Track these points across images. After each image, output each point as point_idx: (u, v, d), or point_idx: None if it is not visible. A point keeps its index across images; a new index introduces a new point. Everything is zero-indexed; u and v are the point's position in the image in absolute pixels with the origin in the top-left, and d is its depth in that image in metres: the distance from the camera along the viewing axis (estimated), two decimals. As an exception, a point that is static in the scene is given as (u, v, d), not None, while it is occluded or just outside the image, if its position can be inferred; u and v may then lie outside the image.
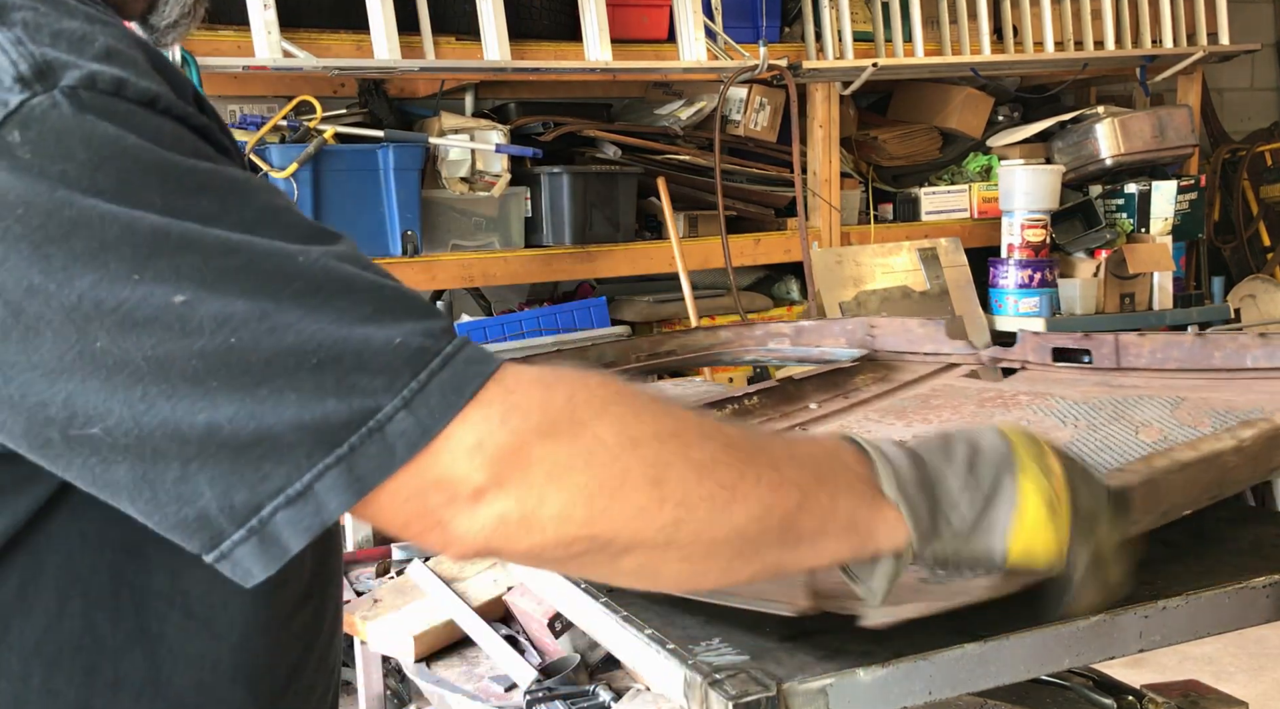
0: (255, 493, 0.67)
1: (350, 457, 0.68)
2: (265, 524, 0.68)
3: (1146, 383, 1.77)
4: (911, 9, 4.39)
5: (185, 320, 0.66)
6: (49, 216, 0.65)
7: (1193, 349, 1.77)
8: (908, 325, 2.12)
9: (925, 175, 4.81)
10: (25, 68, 0.68)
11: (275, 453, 0.67)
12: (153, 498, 0.68)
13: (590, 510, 0.72)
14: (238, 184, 0.71)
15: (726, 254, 4.06)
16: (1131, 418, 1.59)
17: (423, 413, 0.69)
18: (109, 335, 0.66)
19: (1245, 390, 1.64)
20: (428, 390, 0.69)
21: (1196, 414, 1.55)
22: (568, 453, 0.72)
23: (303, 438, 0.67)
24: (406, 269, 3.61)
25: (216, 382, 0.66)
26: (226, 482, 0.67)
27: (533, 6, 3.85)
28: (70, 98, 0.67)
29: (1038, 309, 4.42)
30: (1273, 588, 1.10)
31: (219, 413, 0.66)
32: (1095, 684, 1.63)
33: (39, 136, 0.66)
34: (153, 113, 0.70)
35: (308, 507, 0.68)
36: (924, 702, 0.98)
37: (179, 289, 0.66)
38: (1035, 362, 1.96)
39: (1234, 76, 6.19)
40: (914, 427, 1.68)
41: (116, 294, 0.66)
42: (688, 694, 0.99)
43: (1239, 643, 3.46)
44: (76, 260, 0.65)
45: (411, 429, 0.68)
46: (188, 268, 0.67)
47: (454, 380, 0.70)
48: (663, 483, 0.73)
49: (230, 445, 0.67)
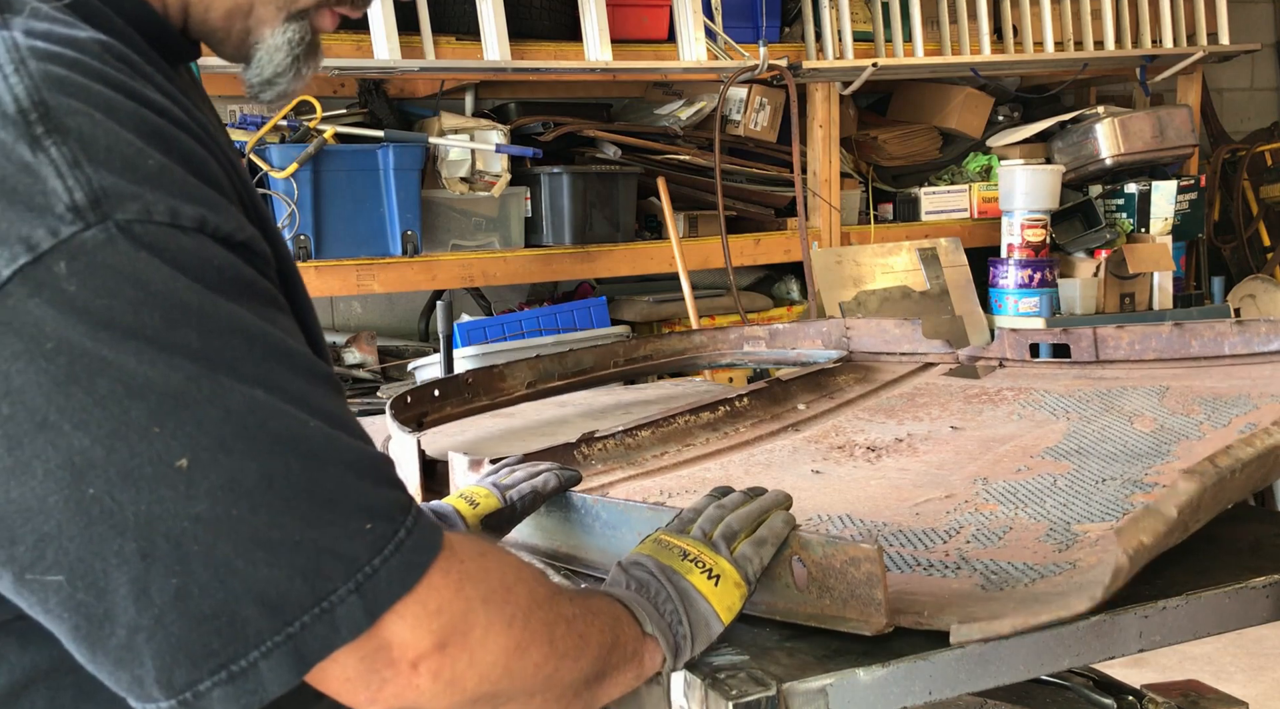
0: (196, 669, 0.68)
1: (299, 634, 0.70)
2: (199, 698, 0.69)
3: (1126, 374, 1.78)
4: (911, 9, 4.39)
5: (192, 481, 0.66)
6: (80, 356, 0.65)
7: (1170, 339, 1.78)
8: (884, 326, 2.13)
9: (925, 175, 4.81)
10: (80, 196, 0.66)
11: (230, 627, 0.68)
12: (91, 652, 0.69)
13: (505, 669, 0.81)
14: (264, 326, 0.72)
15: (726, 254, 4.06)
16: (1121, 408, 1.59)
17: (370, 598, 0.72)
18: (107, 484, 0.65)
19: (1225, 377, 1.65)
20: (378, 576, 0.72)
21: (1185, 402, 1.56)
22: (498, 618, 0.80)
23: (261, 613, 0.69)
24: (406, 269, 3.61)
25: (200, 548, 0.67)
26: (171, 655, 0.68)
27: (533, 6, 3.85)
28: (125, 232, 0.67)
29: (1038, 309, 4.42)
30: (1273, 588, 1.10)
31: (192, 580, 0.67)
32: (1095, 684, 1.63)
33: (87, 270, 0.65)
34: (201, 239, 0.71)
35: (248, 684, 0.69)
36: (924, 702, 0.98)
37: (195, 447, 0.67)
38: (1013, 358, 1.96)
39: (1234, 76, 6.19)
40: (905, 424, 1.68)
41: (130, 443, 0.65)
42: (688, 694, 0.99)
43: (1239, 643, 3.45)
44: (98, 404, 0.65)
45: (357, 613, 0.72)
46: (210, 423, 0.67)
47: (401, 569, 0.74)
48: (553, 641, 0.85)
49: (191, 616, 0.67)
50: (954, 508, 1.31)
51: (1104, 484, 1.32)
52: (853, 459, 1.55)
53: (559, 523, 1.25)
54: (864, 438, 1.65)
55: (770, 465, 1.56)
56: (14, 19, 0.72)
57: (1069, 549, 1.15)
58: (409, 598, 0.74)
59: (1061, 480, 1.35)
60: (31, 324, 0.65)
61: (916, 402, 1.82)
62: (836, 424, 1.75)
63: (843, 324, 2.19)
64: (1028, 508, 1.28)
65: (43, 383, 0.65)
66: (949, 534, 1.22)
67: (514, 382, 2.08)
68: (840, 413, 1.81)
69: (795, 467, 1.55)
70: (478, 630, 0.78)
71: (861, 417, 1.78)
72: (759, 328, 2.32)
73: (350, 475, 0.73)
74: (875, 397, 1.89)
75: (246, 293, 0.72)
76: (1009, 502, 1.31)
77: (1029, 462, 1.44)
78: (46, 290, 0.65)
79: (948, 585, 1.08)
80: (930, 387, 1.90)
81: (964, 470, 1.44)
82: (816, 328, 2.24)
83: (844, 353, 2.14)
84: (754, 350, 2.32)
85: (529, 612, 0.84)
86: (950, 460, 1.49)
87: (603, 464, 1.57)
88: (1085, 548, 1.14)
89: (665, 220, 3.99)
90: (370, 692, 0.75)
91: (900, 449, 1.57)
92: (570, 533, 1.24)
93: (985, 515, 1.27)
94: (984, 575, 1.10)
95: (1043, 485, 1.35)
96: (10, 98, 0.67)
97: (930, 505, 1.32)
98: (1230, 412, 1.49)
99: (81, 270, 0.65)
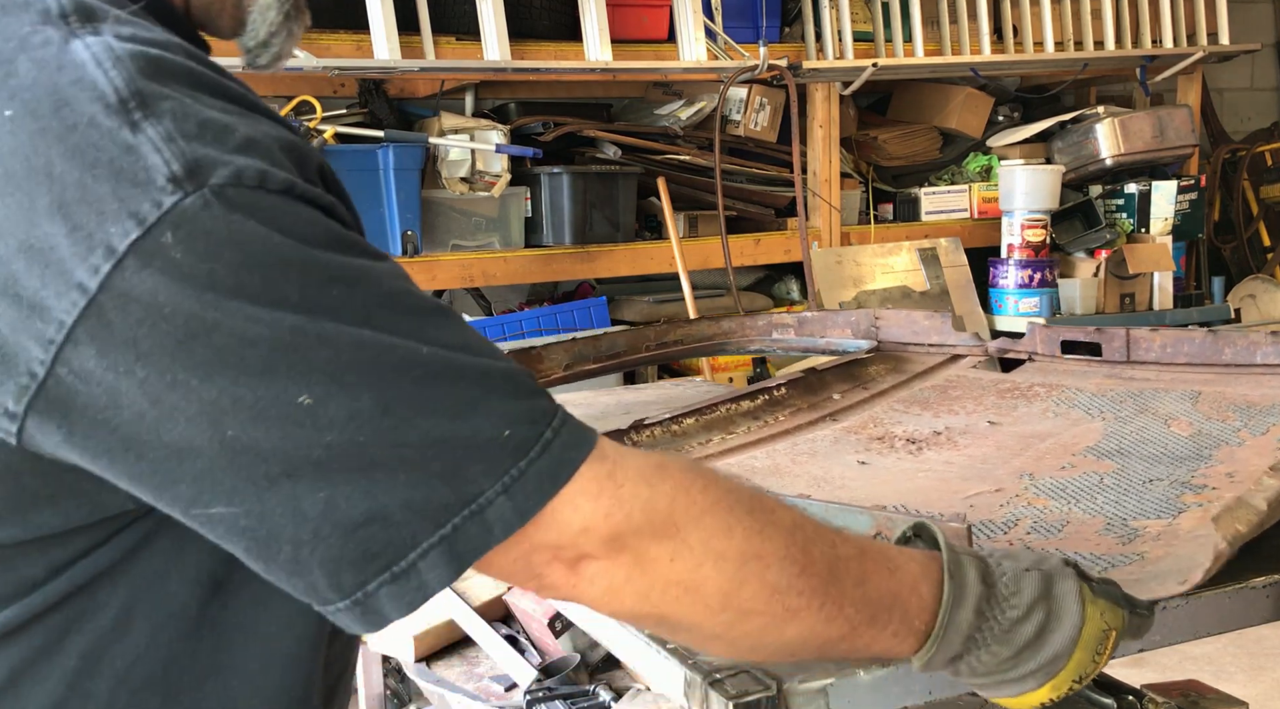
0: (361, 572, 0.74)
1: (452, 536, 0.74)
2: (369, 597, 0.74)
3: (1156, 376, 1.79)
4: (911, 9, 4.39)
5: (316, 416, 0.71)
6: (193, 317, 0.70)
7: (1203, 345, 1.80)
8: (913, 318, 2.14)
9: (925, 175, 4.81)
10: (178, 167, 0.71)
11: (385, 532, 0.73)
12: (266, 567, 0.75)
13: (664, 597, 0.80)
14: (365, 271, 0.76)
15: (726, 254, 4.06)
16: (1156, 411, 1.60)
17: (520, 498, 0.76)
18: (241, 425, 0.71)
19: (1256, 385, 1.66)
20: (526, 477, 0.76)
21: (1219, 408, 1.57)
22: (658, 550, 0.79)
23: (410, 517, 0.73)
24: (406, 269, 3.61)
25: (339, 467, 0.72)
26: (336, 563, 0.73)
27: (533, 6, 3.85)
28: (219, 196, 0.71)
29: (1038, 309, 4.42)
30: (1273, 588, 1.10)
31: (338, 492, 0.72)
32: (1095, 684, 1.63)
33: (190, 237, 0.70)
34: (291, 200, 0.75)
35: (410, 583, 0.74)
36: (924, 701, 0.98)
37: (311, 385, 0.71)
38: (1044, 353, 1.96)
39: (1234, 76, 6.19)
40: (942, 417, 1.70)
41: (253, 389, 0.71)
42: (688, 694, 0.99)
43: (1239, 643, 3.45)
44: (218, 356, 0.70)
45: (509, 513, 0.75)
46: (321, 363, 0.72)
47: (550, 469, 0.77)
48: (731, 597, 0.81)
49: (344, 525, 0.73)
50: (1006, 502, 1.32)
51: (1151, 484, 1.33)
52: (894, 451, 1.57)
53: None
54: (902, 430, 1.66)
55: (815, 455, 1.58)
56: (103, 25, 0.78)
57: (1132, 542, 1.16)
58: (560, 499, 0.76)
59: (1108, 478, 1.37)
60: (148, 293, 0.70)
61: (950, 394, 1.83)
62: (873, 415, 1.77)
63: (871, 314, 2.20)
64: (1080, 504, 1.29)
65: (166, 344, 0.70)
66: (1007, 526, 1.24)
67: (551, 363, 2.09)
68: (875, 403, 1.83)
69: (840, 456, 1.56)
70: (633, 555, 0.79)
71: (897, 408, 1.79)
72: (787, 315, 2.33)
73: (475, 390, 0.76)
74: (908, 388, 1.90)
75: (340, 243, 0.76)
76: (1059, 497, 1.32)
77: (1072, 459, 1.45)
78: (158, 260, 0.70)
79: None
80: (962, 379, 1.92)
81: (1008, 465, 1.45)
82: (845, 317, 2.25)
83: (874, 343, 2.15)
84: (783, 338, 2.32)
85: (702, 558, 0.80)
86: (993, 455, 1.51)
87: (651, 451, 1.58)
88: (1149, 542, 1.16)
89: (665, 220, 3.99)
90: (534, 586, 0.80)
91: (940, 442, 1.59)
92: None
93: (1039, 509, 1.28)
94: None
95: (1090, 483, 1.36)
96: (111, 89, 0.73)
97: (981, 498, 1.34)
98: (1267, 420, 1.51)
99: (185, 237, 0.70)
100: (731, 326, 2.35)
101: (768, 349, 2.38)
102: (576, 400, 2.21)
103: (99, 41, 0.75)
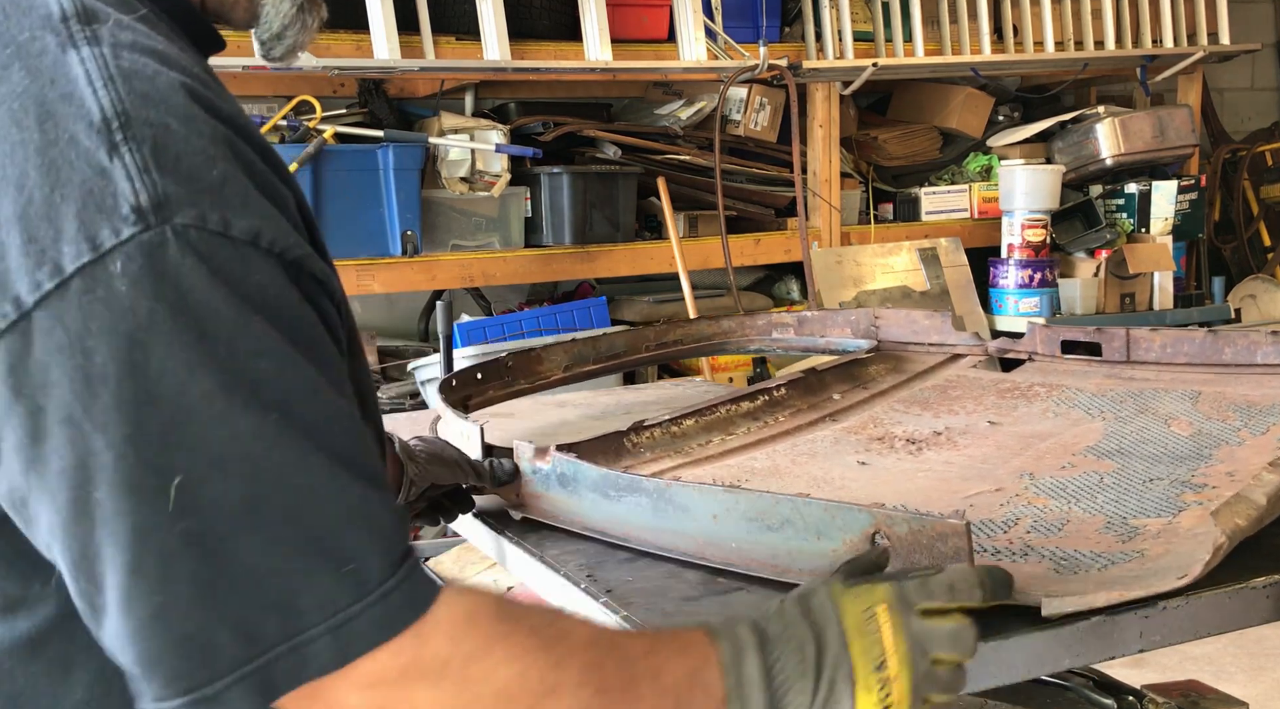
0: (170, 686, 0.71)
1: (266, 667, 0.71)
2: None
3: (1156, 376, 1.79)
4: (911, 9, 4.39)
5: (184, 496, 0.69)
6: (114, 355, 0.68)
7: (1203, 345, 1.80)
8: (913, 317, 2.13)
9: (925, 175, 4.81)
10: (145, 199, 0.69)
11: (202, 654, 0.70)
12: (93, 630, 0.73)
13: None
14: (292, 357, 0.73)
15: (726, 254, 4.06)
16: (1156, 411, 1.60)
17: (343, 642, 0.72)
18: (110, 488, 0.68)
19: (1257, 385, 1.66)
20: (356, 623, 0.72)
21: (1219, 408, 1.57)
22: (449, 704, 0.76)
23: (234, 641, 0.70)
24: (406, 269, 3.61)
25: (183, 567, 0.69)
26: (150, 667, 0.71)
27: (533, 6, 3.85)
28: (179, 237, 0.70)
29: (1038, 309, 4.42)
30: (1273, 588, 1.10)
31: (171, 599, 0.69)
32: (1095, 684, 1.63)
33: (139, 272, 0.68)
34: (252, 251, 0.73)
35: (218, 708, 0.71)
36: (924, 702, 0.98)
37: (195, 463, 0.69)
38: (1044, 353, 1.96)
39: (1234, 76, 6.19)
40: (942, 418, 1.70)
41: (139, 452, 0.68)
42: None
43: (1239, 643, 3.45)
44: (118, 408, 0.68)
45: (326, 654, 0.72)
46: (214, 442, 0.69)
47: (381, 619, 0.73)
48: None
49: (166, 635, 0.70)
50: (1006, 501, 1.32)
51: (1152, 483, 1.34)
52: (894, 452, 1.57)
53: (630, 509, 1.25)
54: (902, 430, 1.66)
55: (815, 456, 1.58)
56: (101, 29, 0.76)
57: (1132, 540, 1.16)
58: (381, 651, 0.73)
59: (1108, 478, 1.37)
60: (79, 321, 0.68)
61: (950, 394, 1.83)
62: (873, 415, 1.77)
63: (871, 314, 2.20)
64: (1080, 503, 1.29)
65: (74, 379, 0.68)
66: (1008, 525, 1.24)
67: (551, 364, 2.09)
68: (875, 403, 1.83)
69: (840, 457, 1.56)
70: (431, 696, 0.75)
71: (897, 408, 1.79)
72: (787, 315, 2.33)
73: (344, 517, 0.73)
74: (908, 388, 1.90)
75: (285, 316, 0.74)
76: (1060, 497, 1.32)
77: (1072, 459, 1.46)
78: (100, 288, 0.68)
79: (1020, 569, 1.09)
80: (962, 379, 1.92)
81: (1008, 465, 1.46)
82: (845, 316, 2.24)
83: (873, 343, 2.15)
84: (783, 337, 2.32)
85: (512, 673, 0.77)
86: (993, 455, 1.51)
87: (651, 453, 1.58)
88: (1149, 539, 1.16)
89: (665, 220, 3.99)
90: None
91: (940, 442, 1.59)
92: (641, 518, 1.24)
93: (1039, 508, 1.29)
94: (1054, 561, 1.12)
95: (1090, 482, 1.36)
96: (98, 109, 0.71)
97: (982, 498, 1.34)
98: (1267, 419, 1.51)
99: (134, 271, 0.68)
100: (731, 326, 2.35)
101: (767, 349, 2.38)
102: (577, 400, 2.21)
103: (95, 54, 0.74)
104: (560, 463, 1.33)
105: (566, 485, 1.32)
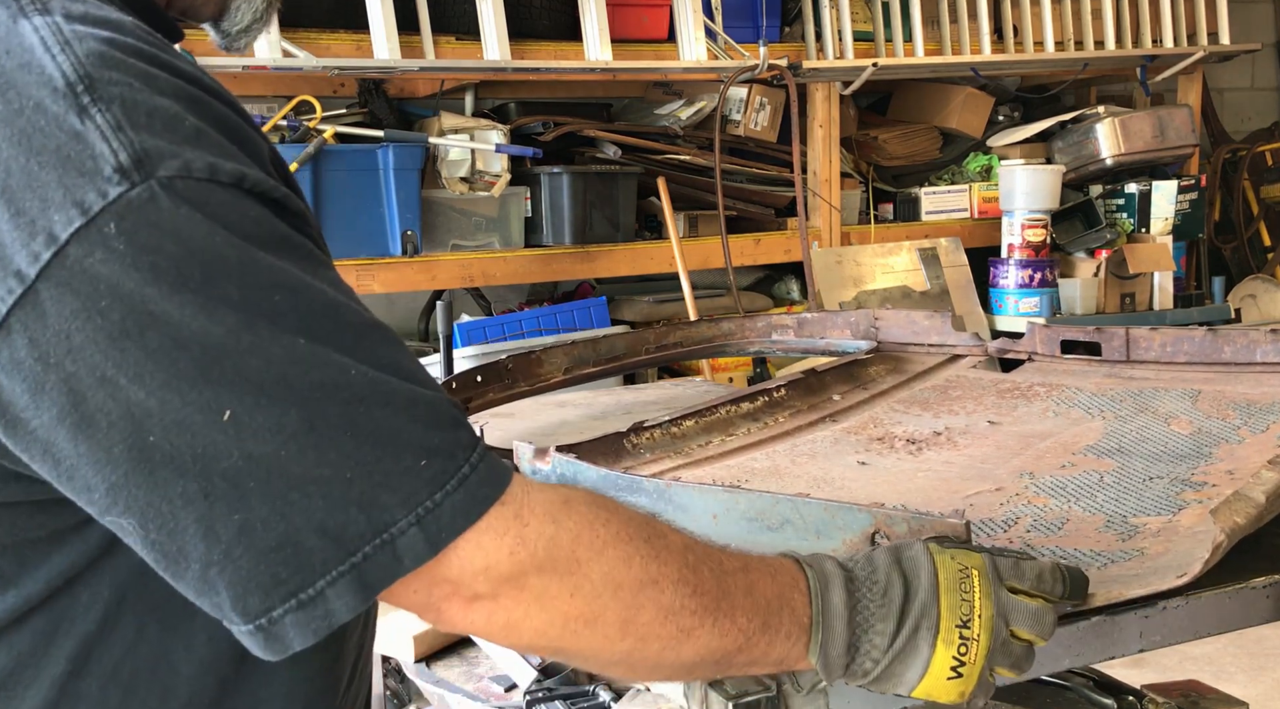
0: (268, 598, 0.72)
1: (362, 564, 0.73)
2: (274, 624, 0.73)
3: (1156, 375, 1.79)
4: (911, 9, 4.39)
5: (240, 426, 0.70)
6: (130, 313, 0.69)
7: (1203, 344, 1.80)
8: (913, 318, 2.14)
9: (925, 175, 4.81)
10: (125, 157, 0.70)
11: (295, 557, 0.72)
12: (173, 580, 0.74)
13: (564, 631, 0.81)
14: (307, 279, 0.75)
15: (726, 254, 4.06)
16: (1156, 410, 1.61)
17: (432, 530, 0.75)
18: (164, 431, 0.70)
19: (1256, 384, 1.66)
20: (440, 510, 0.75)
21: (1219, 407, 1.58)
22: (558, 587, 0.80)
23: (323, 544, 0.72)
24: (406, 269, 3.61)
25: (256, 484, 0.71)
26: (243, 586, 0.72)
27: (533, 6, 3.85)
28: (167, 188, 0.70)
29: (1038, 309, 4.42)
30: (1273, 588, 1.10)
31: (253, 515, 0.71)
32: (1095, 684, 1.63)
33: (134, 228, 0.69)
34: (241, 195, 0.74)
35: (316, 611, 0.73)
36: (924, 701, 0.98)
37: (240, 395, 0.70)
38: (1044, 353, 1.97)
39: (1234, 76, 6.19)
40: (942, 418, 1.70)
41: (182, 394, 0.69)
42: (687, 694, 0.99)
43: (1239, 643, 3.45)
44: (150, 357, 0.69)
45: (420, 545, 0.75)
46: (251, 372, 0.71)
47: (464, 503, 0.76)
48: (629, 624, 0.83)
49: (256, 549, 0.71)
50: (1006, 500, 1.32)
51: (1151, 482, 1.34)
52: (894, 452, 1.57)
53: None
54: (902, 430, 1.66)
55: (815, 456, 1.58)
56: (53, 2, 0.76)
57: (1131, 539, 1.16)
58: (470, 534, 0.76)
59: (1108, 477, 1.37)
60: (87, 284, 0.69)
61: (950, 394, 1.83)
62: (873, 416, 1.77)
63: (871, 315, 2.20)
64: (1080, 502, 1.29)
65: (99, 340, 0.69)
66: (1007, 524, 1.24)
67: (550, 367, 2.09)
68: (875, 404, 1.83)
69: (840, 457, 1.56)
70: (533, 593, 0.79)
71: (897, 408, 1.79)
72: (787, 316, 2.33)
73: (401, 417, 0.75)
74: (908, 388, 1.90)
75: (285, 246, 0.75)
76: (1059, 496, 1.32)
77: (1072, 458, 1.46)
78: (99, 250, 0.68)
79: None
80: (962, 379, 1.92)
81: (1008, 465, 1.46)
82: (845, 318, 2.25)
83: (873, 343, 2.15)
84: (782, 339, 2.32)
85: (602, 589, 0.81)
86: (993, 455, 1.51)
87: (651, 453, 1.58)
88: (1149, 538, 1.16)
89: (665, 220, 3.99)
90: (432, 618, 0.80)
91: (940, 443, 1.59)
92: None
93: (1039, 507, 1.29)
94: (1053, 560, 1.11)
95: (1090, 481, 1.36)
96: (59, 74, 0.71)
97: (981, 497, 1.34)
98: (1267, 418, 1.52)
99: (129, 229, 0.69)
100: (731, 328, 2.35)
101: (767, 351, 2.39)
102: (577, 400, 2.21)
103: (48, 22, 0.74)
104: (560, 464, 1.33)
105: None
